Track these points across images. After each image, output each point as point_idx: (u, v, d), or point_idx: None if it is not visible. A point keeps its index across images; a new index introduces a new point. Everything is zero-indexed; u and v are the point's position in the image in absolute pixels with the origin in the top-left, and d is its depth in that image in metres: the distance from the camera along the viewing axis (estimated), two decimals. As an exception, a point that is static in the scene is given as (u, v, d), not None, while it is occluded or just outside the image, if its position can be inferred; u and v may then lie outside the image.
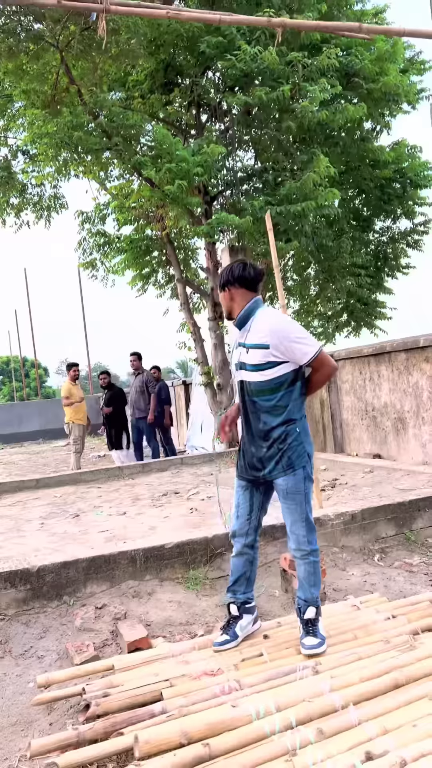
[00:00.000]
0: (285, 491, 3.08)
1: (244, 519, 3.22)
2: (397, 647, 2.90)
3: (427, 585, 4.14)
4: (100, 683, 2.91)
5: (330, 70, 9.87)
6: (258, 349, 3.02)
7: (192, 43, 10.30)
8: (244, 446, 3.20)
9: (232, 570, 3.28)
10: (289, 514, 3.11)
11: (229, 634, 3.12)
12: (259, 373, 3.02)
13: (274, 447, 3.06)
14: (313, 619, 3.07)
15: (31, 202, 14.57)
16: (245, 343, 3.09)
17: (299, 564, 3.18)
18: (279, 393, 3.04)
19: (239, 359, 3.14)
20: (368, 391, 8.92)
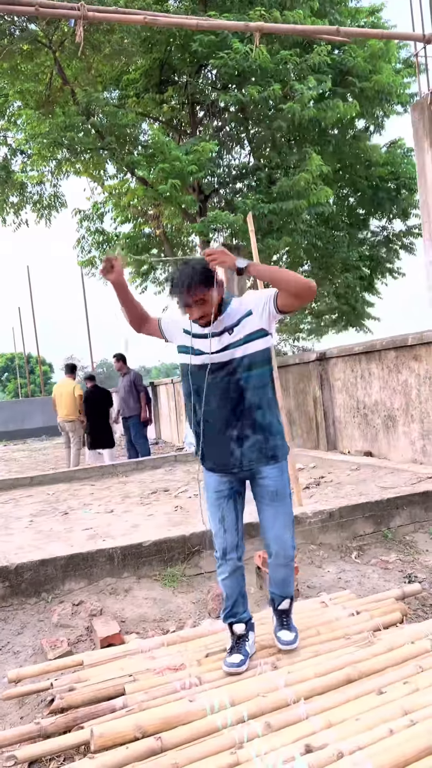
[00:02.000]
0: (274, 492, 2.87)
1: (233, 531, 2.94)
2: (357, 643, 2.97)
3: (400, 582, 4.20)
4: (68, 678, 3.00)
5: (322, 68, 9.90)
6: (245, 318, 2.80)
7: (185, 41, 10.35)
8: (212, 437, 2.85)
9: (228, 593, 3.00)
10: (277, 518, 2.90)
11: (242, 653, 2.90)
12: (252, 343, 2.80)
13: (257, 431, 2.82)
14: (287, 609, 3.07)
15: (31, 201, 14.68)
16: (225, 326, 2.81)
17: (278, 568, 3.01)
18: (265, 368, 2.85)
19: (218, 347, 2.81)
20: (359, 388, 8.97)
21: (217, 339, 2.84)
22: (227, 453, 2.85)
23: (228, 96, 9.78)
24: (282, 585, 3.07)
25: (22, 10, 4.13)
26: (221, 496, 2.95)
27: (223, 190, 11.55)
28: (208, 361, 2.84)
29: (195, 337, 2.89)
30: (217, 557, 3.01)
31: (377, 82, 10.75)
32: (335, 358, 9.41)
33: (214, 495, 2.96)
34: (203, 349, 2.86)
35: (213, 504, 2.97)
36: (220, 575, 3.01)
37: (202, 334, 2.87)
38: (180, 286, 2.75)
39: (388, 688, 2.47)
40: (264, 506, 2.92)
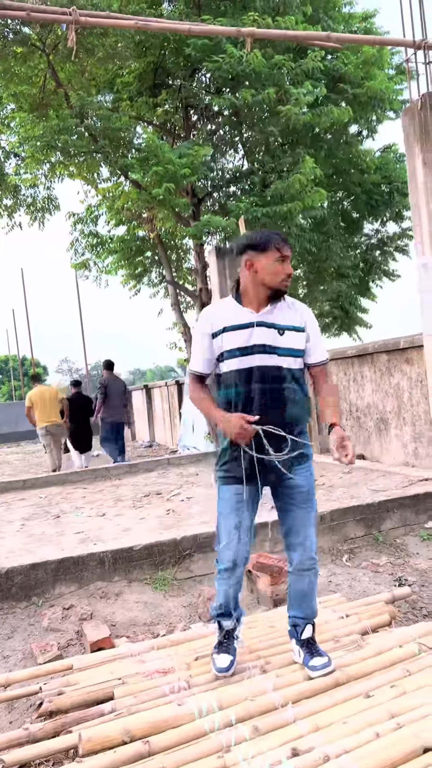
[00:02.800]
0: (307, 492, 2.75)
1: (247, 540, 2.75)
2: (345, 647, 2.98)
3: (390, 585, 4.22)
4: (57, 682, 3.00)
5: (315, 73, 9.95)
6: (296, 332, 2.70)
7: (180, 45, 10.38)
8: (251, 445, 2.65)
9: (225, 597, 2.83)
10: (307, 520, 2.75)
11: (230, 653, 2.81)
12: (294, 359, 2.69)
13: (294, 441, 2.68)
14: (313, 637, 2.83)
15: (24, 204, 14.68)
16: (276, 323, 2.67)
17: (303, 576, 2.81)
18: (301, 383, 2.75)
19: (260, 341, 2.65)
20: (352, 391, 9.00)
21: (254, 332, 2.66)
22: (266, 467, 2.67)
23: (222, 100, 9.81)
24: (305, 601, 2.84)
25: (14, 14, 4.14)
26: (241, 500, 2.72)
27: (217, 193, 11.58)
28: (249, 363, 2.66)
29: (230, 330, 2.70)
30: (222, 569, 2.78)
31: (370, 88, 10.80)
32: (328, 361, 9.44)
33: (234, 498, 2.72)
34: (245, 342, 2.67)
35: (231, 508, 2.73)
36: (221, 584, 2.82)
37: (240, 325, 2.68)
38: (279, 237, 2.67)
39: (375, 691, 2.48)
40: (295, 509, 2.74)
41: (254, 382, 2.64)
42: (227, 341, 2.69)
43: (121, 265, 14.37)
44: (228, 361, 2.70)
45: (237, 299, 2.77)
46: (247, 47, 4.66)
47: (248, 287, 2.73)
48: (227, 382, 2.71)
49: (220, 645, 2.86)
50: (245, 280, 2.73)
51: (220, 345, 2.71)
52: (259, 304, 2.71)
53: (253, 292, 2.71)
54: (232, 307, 2.76)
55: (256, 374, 2.64)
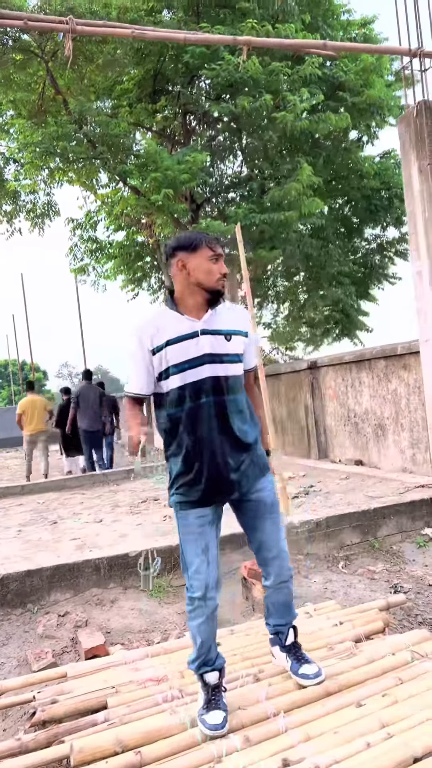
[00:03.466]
0: (272, 503, 2.63)
1: (215, 563, 2.56)
2: (338, 654, 2.98)
3: (385, 592, 4.22)
4: (50, 690, 3.00)
5: (313, 79, 9.98)
6: (239, 336, 2.56)
7: (178, 52, 10.42)
8: (206, 465, 2.49)
9: (203, 639, 2.56)
10: (276, 532, 2.65)
11: (221, 708, 2.49)
12: (238, 365, 2.55)
13: (251, 453, 2.59)
14: (297, 641, 2.80)
15: (24, 209, 14.72)
16: (221, 329, 2.51)
17: (281, 589, 2.73)
18: (243, 390, 2.62)
19: (210, 350, 2.47)
20: (350, 397, 9.01)
21: (200, 340, 2.47)
22: (224, 485, 2.53)
23: (220, 106, 9.84)
24: (285, 609, 2.78)
25: (12, 23, 4.17)
26: (205, 522, 2.54)
27: (216, 199, 11.61)
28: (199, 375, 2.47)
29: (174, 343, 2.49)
30: (195, 598, 2.54)
31: (369, 96, 10.83)
32: (326, 367, 9.46)
33: (197, 522, 2.54)
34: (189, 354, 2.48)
35: (194, 533, 2.53)
36: (194, 619, 2.56)
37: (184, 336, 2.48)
38: (211, 236, 2.53)
39: (367, 700, 2.49)
40: (262, 522, 2.61)
41: (205, 396, 2.46)
42: (172, 355, 2.47)
43: (121, 270, 14.41)
44: (174, 377, 2.48)
45: (173, 308, 2.56)
46: (243, 56, 4.68)
47: (184, 292, 2.53)
48: (173, 400, 2.50)
49: (208, 704, 2.51)
50: (179, 285, 2.54)
51: (164, 360, 2.49)
52: (199, 310, 2.52)
53: (190, 298, 2.52)
54: (171, 318, 2.53)
55: (207, 386, 2.46)
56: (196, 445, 2.49)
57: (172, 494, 2.61)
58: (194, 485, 2.52)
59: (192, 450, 2.50)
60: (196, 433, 2.48)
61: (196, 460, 2.50)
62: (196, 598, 2.54)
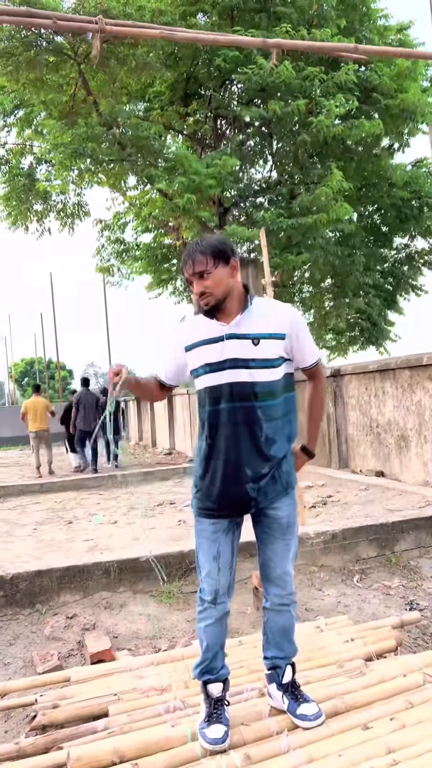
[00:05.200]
0: (287, 523, 2.50)
1: (228, 571, 2.50)
2: (348, 672, 2.89)
3: (401, 608, 4.11)
4: (53, 694, 2.96)
5: (348, 85, 9.89)
6: (272, 339, 2.41)
7: (211, 56, 10.41)
8: (220, 472, 2.42)
9: (209, 644, 2.53)
10: (285, 554, 2.52)
11: (223, 722, 2.41)
12: (269, 370, 2.40)
13: (275, 468, 2.44)
14: (294, 679, 2.61)
15: (54, 209, 14.87)
16: (249, 333, 2.40)
17: (281, 612, 2.58)
18: (282, 397, 2.46)
19: (235, 355, 2.38)
20: (373, 407, 8.87)
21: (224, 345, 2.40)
22: (238, 498, 2.44)
23: (250, 110, 9.80)
24: (285, 637, 2.62)
25: (41, 22, 4.17)
26: (219, 529, 2.48)
27: (244, 203, 11.55)
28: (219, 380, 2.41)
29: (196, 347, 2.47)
30: (204, 601, 2.53)
31: (403, 101, 10.70)
32: (349, 375, 9.33)
33: (211, 528, 2.49)
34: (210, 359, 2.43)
35: (207, 537, 2.50)
36: (202, 621, 2.54)
37: (210, 339, 2.43)
38: (183, 258, 2.44)
39: (374, 723, 2.40)
40: (272, 540, 2.51)
41: (224, 401, 2.39)
42: (198, 357, 2.45)
43: (147, 270, 14.46)
44: (200, 378, 2.47)
45: (207, 314, 2.50)
46: (272, 59, 4.62)
47: None
48: (200, 400, 2.50)
49: (209, 717, 2.43)
50: None
51: (193, 361, 2.49)
52: (230, 314, 2.44)
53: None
54: (204, 321, 2.50)
55: (226, 392, 2.38)
56: (213, 450, 2.43)
57: (192, 496, 2.59)
58: (209, 494, 2.47)
59: (209, 454, 2.45)
60: (214, 437, 2.42)
61: (212, 466, 2.44)
62: (206, 600, 2.53)
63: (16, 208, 13.84)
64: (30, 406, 12.11)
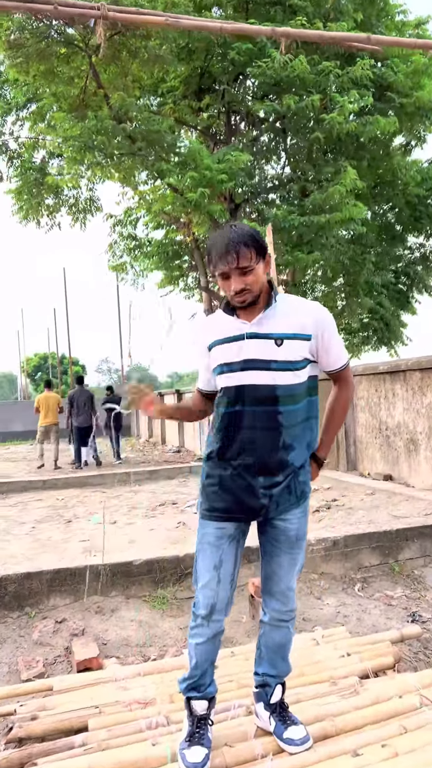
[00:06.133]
0: (296, 536, 2.34)
1: (228, 584, 2.32)
2: (342, 691, 2.75)
3: (402, 620, 3.95)
4: (33, 704, 2.84)
5: (363, 81, 9.69)
6: (297, 340, 2.23)
7: (225, 50, 10.25)
8: (232, 476, 2.27)
9: (198, 661, 2.36)
10: (291, 568, 2.37)
11: (204, 744, 2.27)
12: (293, 373, 2.23)
13: (291, 476, 2.28)
14: (283, 700, 2.47)
15: (66, 204, 14.79)
16: (272, 333, 2.23)
17: (279, 627, 2.43)
18: (305, 401, 2.29)
19: (255, 355, 2.22)
20: (383, 409, 8.69)
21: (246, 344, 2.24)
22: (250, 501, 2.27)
23: (263, 105, 9.63)
24: (280, 654, 2.46)
25: (41, 8, 4.05)
26: (224, 535, 2.30)
27: (256, 200, 11.38)
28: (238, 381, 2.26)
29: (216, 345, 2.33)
30: (198, 615, 2.34)
31: (418, 98, 10.48)
32: (359, 376, 9.15)
33: (215, 533, 2.31)
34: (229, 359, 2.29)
35: (210, 543, 2.31)
36: (194, 638, 2.36)
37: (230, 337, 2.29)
38: (220, 247, 2.17)
39: (364, 749, 2.25)
40: (279, 553, 2.34)
41: (242, 404, 2.23)
42: (217, 356, 2.32)
43: (159, 267, 14.34)
44: (220, 378, 2.32)
45: (227, 309, 2.35)
46: (281, 48, 4.47)
47: None
48: (220, 399, 2.34)
49: (191, 737, 2.29)
50: None
51: (213, 360, 2.35)
52: (252, 311, 2.27)
53: None
54: (224, 319, 2.35)
55: (245, 394, 2.23)
56: (226, 452, 2.27)
57: (199, 494, 2.44)
58: (218, 494, 2.30)
59: (222, 455, 2.29)
60: (229, 440, 2.27)
61: (224, 468, 2.29)
62: (199, 615, 2.34)
63: (27, 202, 13.77)
64: (42, 401, 12.58)
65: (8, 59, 9.05)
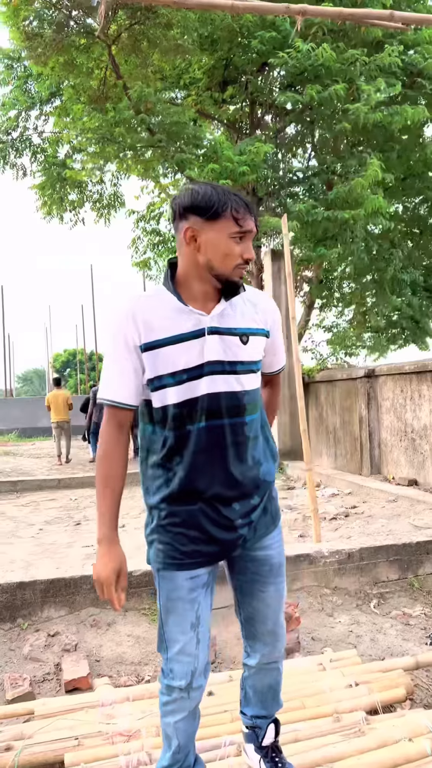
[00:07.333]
0: (279, 563, 2.01)
1: (206, 641, 1.92)
2: (345, 729, 2.48)
3: (420, 641, 3.66)
4: (9, 732, 2.63)
5: (391, 69, 9.30)
6: (259, 336, 1.90)
7: (248, 39, 9.96)
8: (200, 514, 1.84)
9: (181, 742, 1.96)
10: (278, 602, 2.02)
11: None
12: (256, 375, 1.90)
13: (266, 496, 1.96)
14: (277, 742, 2.17)
15: (90, 200, 14.67)
16: (237, 328, 1.84)
17: (269, 671, 2.09)
18: (260, 407, 1.96)
19: (219, 356, 1.80)
20: (408, 410, 8.33)
21: (204, 342, 1.79)
22: (225, 537, 1.87)
23: (286, 96, 9.31)
24: (268, 696, 2.14)
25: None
26: (198, 585, 1.88)
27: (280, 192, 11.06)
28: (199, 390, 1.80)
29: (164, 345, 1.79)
30: (175, 687, 1.89)
31: (452, 85, 10.05)
32: (384, 376, 8.80)
33: (187, 585, 1.87)
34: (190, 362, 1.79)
35: (183, 598, 1.86)
36: (172, 715, 1.93)
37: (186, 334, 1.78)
38: (237, 199, 1.73)
39: (364, 806, 1.98)
40: (264, 586, 1.98)
41: (205, 419, 1.80)
42: (169, 360, 1.78)
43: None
44: (170, 390, 1.79)
45: (174, 292, 1.82)
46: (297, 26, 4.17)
47: (189, 273, 1.81)
48: (168, 419, 1.82)
49: None
50: (184, 262, 1.81)
51: (158, 365, 1.79)
52: (207, 300, 1.82)
53: (196, 282, 1.81)
54: (171, 306, 1.80)
55: (212, 405, 1.80)
56: (191, 483, 1.82)
57: (150, 545, 1.93)
58: (187, 536, 1.85)
59: (185, 489, 1.83)
60: (195, 466, 1.81)
61: (190, 504, 1.84)
62: (176, 687, 1.88)
63: (51, 197, 13.68)
64: (52, 399, 13.02)
65: (26, 50, 8.91)
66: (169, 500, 1.85)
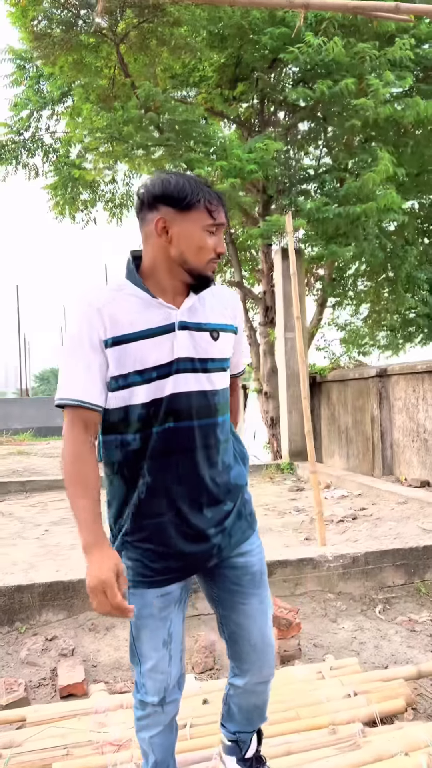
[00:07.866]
0: (260, 571, 1.88)
1: (178, 658, 1.85)
2: (340, 742, 2.40)
3: (425, 649, 3.57)
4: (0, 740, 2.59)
5: (403, 63, 9.15)
6: (229, 333, 1.82)
7: (259, 36, 9.87)
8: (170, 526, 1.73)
9: (158, 760, 1.91)
10: (263, 613, 1.88)
11: None
12: (225, 374, 1.82)
13: (239, 500, 1.86)
14: (260, 753, 2.08)
15: (102, 199, 14.68)
16: (207, 323, 1.76)
17: (255, 692, 1.95)
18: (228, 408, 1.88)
19: (190, 353, 1.71)
20: (421, 410, 8.20)
21: (175, 337, 1.69)
22: (198, 548, 1.77)
23: (296, 92, 9.21)
24: (255, 715, 2.01)
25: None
26: (170, 602, 1.79)
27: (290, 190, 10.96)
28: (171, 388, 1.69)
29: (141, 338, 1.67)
30: (148, 703, 1.84)
31: (464, 78, 9.88)
32: (396, 376, 8.68)
33: (159, 602, 1.77)
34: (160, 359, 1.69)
35: (155, 616, 1.78)
36: (147, 730, 1.88)
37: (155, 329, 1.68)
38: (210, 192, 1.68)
39: None
40: (246, 597, 1.85)
41: (175, 419, 1.70)
42: (136, 356, 1.66)
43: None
44: (137, 389, 1.67)
45: (140, 285, 1.71)
46: (300, 19, 4.11)
47: (157, 266, 1.71)
48: (133, 421, 1.70)
49: None
50: (152, 254, 1.71)
51: (123, 362, 1.66)
52: (176, 294, 1.73)
53: (164, 275, 1.71)
54: (137, 299, 1.70)
55: (182, 406, 1.70)
56: (158, 491, 1.71)
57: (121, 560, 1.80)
58: (156, 552, 1.74)
59: (152, 498, 1.72)
60: (162, 472, 1.71)
61: (158, 514, 1.73)
62: (149, 703, 1.83)
63: (63, 197, 13.70)
64: None
65: (35, 50, 8.91)
66: (136, 513, 1.74)
